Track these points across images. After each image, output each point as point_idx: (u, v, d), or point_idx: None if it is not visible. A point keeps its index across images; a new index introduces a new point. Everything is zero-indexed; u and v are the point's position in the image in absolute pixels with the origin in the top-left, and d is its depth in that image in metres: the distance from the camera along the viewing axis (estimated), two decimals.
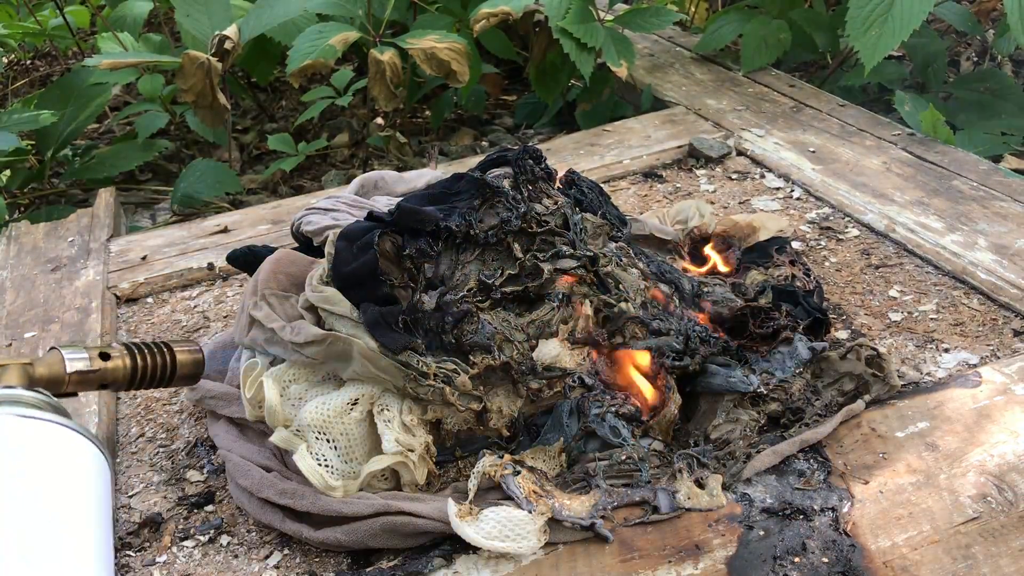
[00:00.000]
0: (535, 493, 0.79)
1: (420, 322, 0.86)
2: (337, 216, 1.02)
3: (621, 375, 0.90)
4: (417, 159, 1.86)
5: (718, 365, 0.92)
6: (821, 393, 0.91)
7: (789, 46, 1.84)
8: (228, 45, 1.65)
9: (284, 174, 1.89)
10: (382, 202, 1.09)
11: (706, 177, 1.48)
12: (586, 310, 0.91)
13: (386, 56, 1.64)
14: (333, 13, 1.70)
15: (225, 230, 1.42)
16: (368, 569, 0.78)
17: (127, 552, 0.84)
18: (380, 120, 1.91)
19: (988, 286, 1.10)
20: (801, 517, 0.78)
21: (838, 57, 1.96)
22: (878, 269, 1.18)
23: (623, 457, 0.83)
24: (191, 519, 0.87)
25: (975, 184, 1.34)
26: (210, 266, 1.31)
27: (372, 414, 0.84)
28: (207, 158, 1.91)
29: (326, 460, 0.82)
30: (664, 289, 0.98)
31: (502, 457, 0.83)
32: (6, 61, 2.54)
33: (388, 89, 1.66)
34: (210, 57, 1.63)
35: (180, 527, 0.86)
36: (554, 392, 0.88)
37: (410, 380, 0.83)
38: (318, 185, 1.88)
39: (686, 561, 0.75)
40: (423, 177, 1.19)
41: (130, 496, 0.90)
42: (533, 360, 0.87)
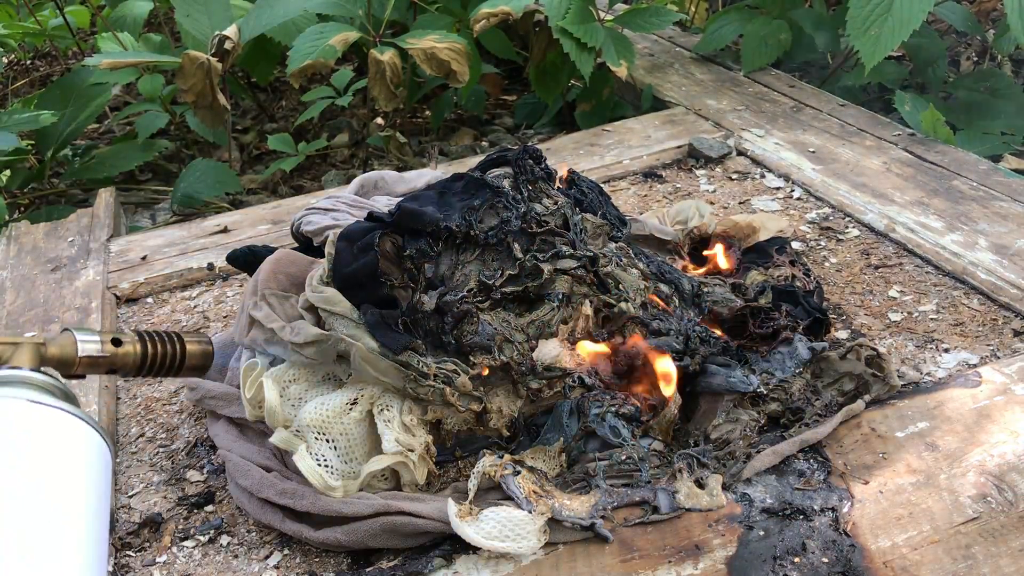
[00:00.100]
0: (535, 493, 0.79)
1: (420, 323, 0.86)
2: (337, 216, 1.02)
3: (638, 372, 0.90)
4: (417, 159, 1.86)
5: (718, 365, 0.92)
6: (821, 393, 0.91)
7: (789, 46, 1.84)
8: (228, 45, 1.65)
9: (284, 174, 1.89)
10: (382, 202, 1.09)
11: (706, 177, 1.48)
12: (586, 310, 0.91)
13: (386, 56, 1.64)
14: (333, 13, 1.70)
15: (225, 230, 1.42)
16: (368, 569, 0.78)
17: (127, 552, 0.84)
18: (380, 120, 1.91)
19: (988, 286, 1.10)
20: (801, 517, 0.78)
21: (838, 57, 1.96)
22: (878, 269, 1.18)
23: (623, 457, 0.83)
24: (191, 519, 0.87)
25: (975, 184, 1.34)
26: (210, 266, 1.31)
27: (372, 414, 0.84)
28: (207, 158, 1.91)
29: (326, 460, 0.82)
30: (664, 289, 0.98)
31: (502, 457, 0.83)
32: (6, 61, 2.54)
33: (388, 89, 1.66)
34: (210, 57, 1.63)
35: (180, 527, 0.86)
36: (554, 392, 0.88)
37: (410, 381, 0.83)
38: (318, 185, 1.88)
39: (686, 561, 0.75)
40: (423, 177, 1.19)
41: (130, 496, 0.90)
42: (533, 360, 0.87)
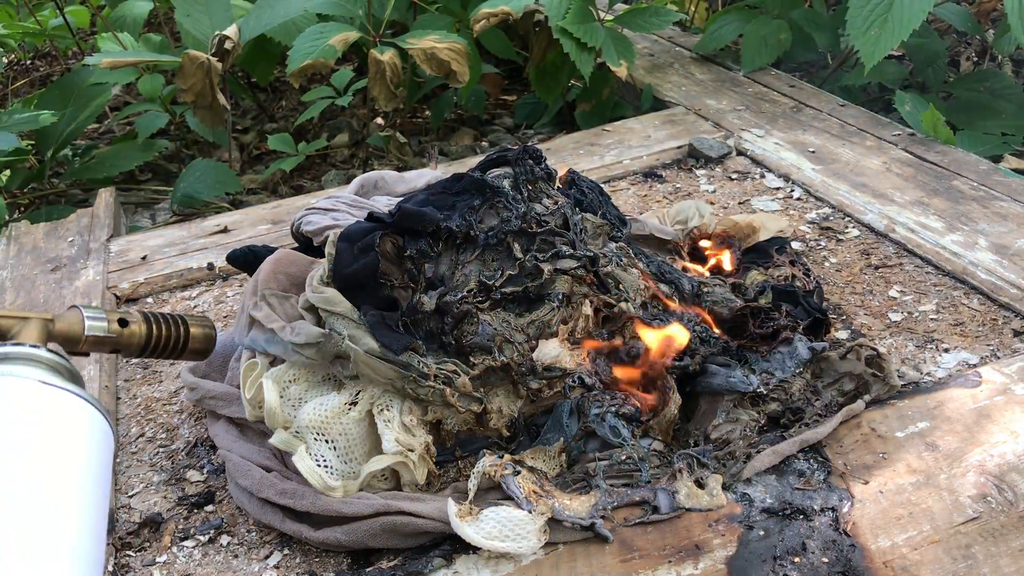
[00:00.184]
0: (535, 493, 0.79)
1: (420, 323, 0.86)
2: (337, 216, 1.02)
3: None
4: (417, 159, 1.86)
5: (718, 365, 0.92)
6: (821, 393, 0.91)
7: (789, 46, 1.84)
8: (228, 45, 1.65)
9: (284, 174, 1.89)
10: (382, 202, 1.09)
11: (706, 177, 1.48)
12: (586, 310, 0.91)
13: (386, 56, 1.64)
14: (333, 13, 1.70)
15: (225, 230, 1.42)
16: (368, 569, 0.78)
17: (127, 552, 0.84)
18: (380, 120, 1.91)
19: (988, 286, 1.10)
20: (801, 517, 0.78)
21: (838, 57, 1.96)
22: (878, 269, 1.18)
23: (623, 457, 0.83)
24: (191, 519, 0.87)
25: (975, 184, 1.34)
26: (210, 266, 1.31)
27: (372, 414, 0.84)
28: (207, 158, 1.91)
29: (325, 461, 0.82)
30: (664, 289, 0.98)
31: (502, 457, 0.82)
32: (6, 61, 2.54)
33: (388, 89, 1.66)
34: (210, 57, 1.63)
35: (180, 527, 0.86)
36: (554, 392, 0.88)
37: (410, 381, 0.83)
38: (318, 185, 1.88)
39: (686, 561, 0.75)
40: (423, 177, 1.19)
41: (130, 496, 0.90)
42: (533, 361, 0.87)
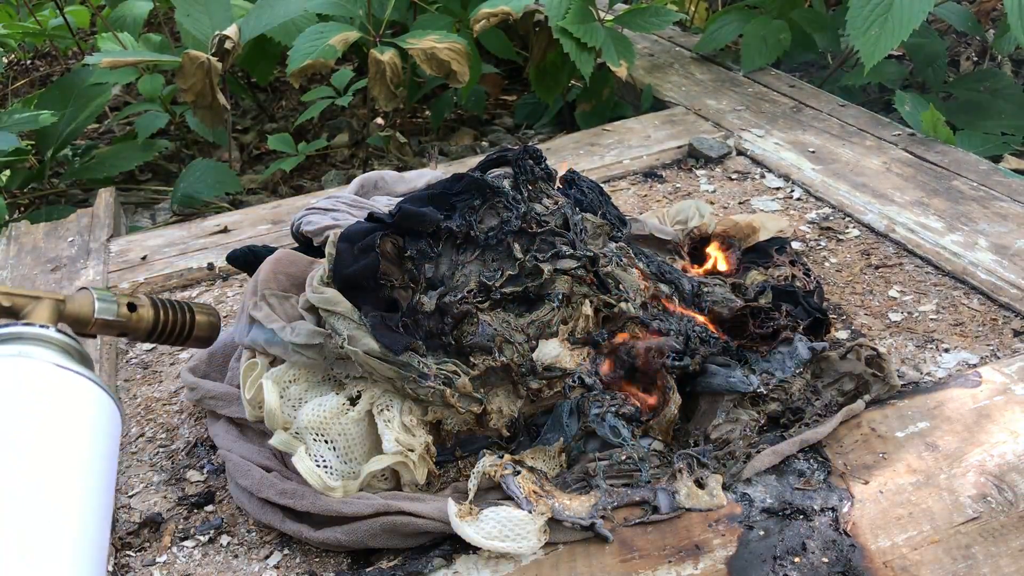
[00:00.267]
0: (535, 493, 0.79)
1: (420, 323, 0.86)
2: (337, 216, 1.02)
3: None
4: (417, 159, 1.86)
5: (718, 365, 0.92)
6: (821, 393, 0.91)
7: (789, 46, 1.84)
8: (228, 45, 1.65)
9: (284, 174, 1.89)
10: (382, 202, 1.09)
11: (706, 177, 1.48)
12: (586, 310, 0.91)
13: (386, 56, 1.64)
14: (333, 13, 1.70)
15: (225, 230, 1.42)
16: (368, 569, 0.78)
17: (127, 552, 0.84)
18: (380, 120, 1.91)
19: (988, 286, 1.10)
20: (801, 517, 0.78)
21: (838, 57, 1.96)
22: (878, 269, 1.18)
23: (623, 457, 0.83)
24: (191, 519, 0.87)
25: (975, 184, 1.34)
26: (210, 266, 1.31)
27: (371, 414, 0.84)
28: (207, 158, 1.91)
29: (324, 461, 0.82)
30: (664, 289, 0.98)
31: (502, 457, 0.82)
32: (6, 61, 2.54)
33: (388, 89, 1.66)
34: (210, 57, 1.63)
35: (180, 527, 0.86)
36: (554, 392, 0.88)
37: (410, 381, 0.83)
38: (318, 185, 1.88)
39: (686, 561, 0.75)
40: (423, 177, 1.19)
41: (130, 496, 0.90)
42: (533, 361, 0.87)
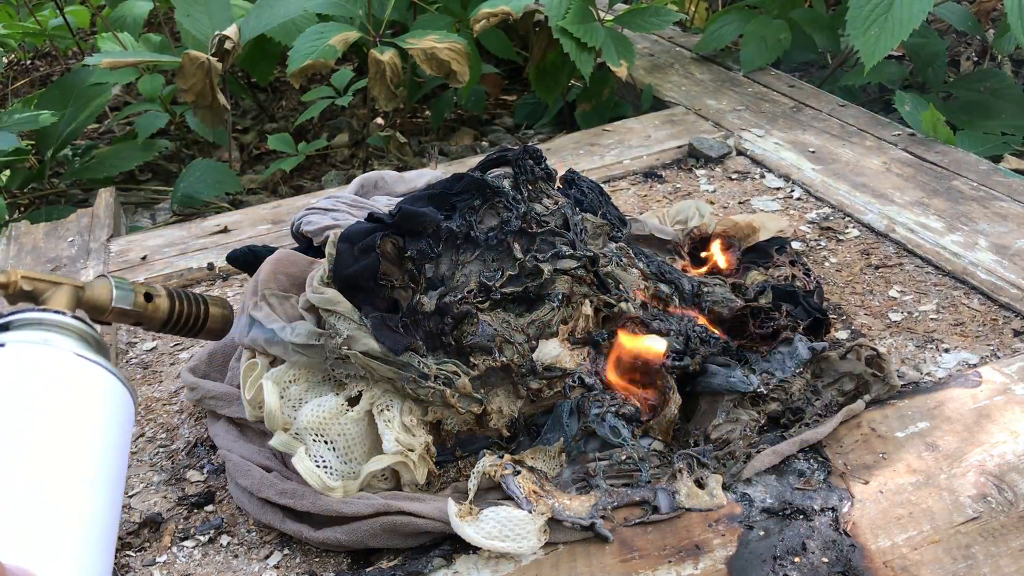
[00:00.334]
0: (535, 493, 0.79)
1: (420, 323, 0.86)
2: (337, 216, 1.02)
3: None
4: (417, 159, 1.86)
5: (718, 365, 0.92)
6: (821, 393, 0.91)
7: (789, 46, 1.84)
8: (228, 45, 1.65)
9: (284, 174, 1.89)
10: (382, 202, 1.09)
11: (706, 177, 1.48)
12: (586, 310, 0.91)
13: (386, 56, 1.64)
14: (333, 13, 1.70)
15: (225, 230, 1.42)
16: (368, 569, 0.78)
17: (127, 552, 0.84)
18: (380, 120, 1.91)
19: (988, 286, 1.10)
20: (801, 517, 0.78)
21: (838, 57, 1.96)
22: (878, 269, 1.18)
23: (623, 457, 0.83)
24: (191, 519, 0.87)
25: (975, 184, 1.34)
26: (210, 266, 1.31)
27: (371, 414, 0.84)
28: (207, 158, 1.91)
29: (324, 461, 0.82)
30: (664, 289, 0.98)
31: (502, 457, 0.83)
32: (6, 61, 2.54)
33: (388, 89, 1.66)
34: (210, 57, 1.63)
35: (180, 527, 0.86)
36: (554, 392, 0.88)
37: (411, 382, 0.83)
38: (318, 185, 1.88)
39: (686, 561, 0.75)
40: (423, 177, 1.19)
41: (130, 496, 0.90)
42: (533, 361, 0.87)
